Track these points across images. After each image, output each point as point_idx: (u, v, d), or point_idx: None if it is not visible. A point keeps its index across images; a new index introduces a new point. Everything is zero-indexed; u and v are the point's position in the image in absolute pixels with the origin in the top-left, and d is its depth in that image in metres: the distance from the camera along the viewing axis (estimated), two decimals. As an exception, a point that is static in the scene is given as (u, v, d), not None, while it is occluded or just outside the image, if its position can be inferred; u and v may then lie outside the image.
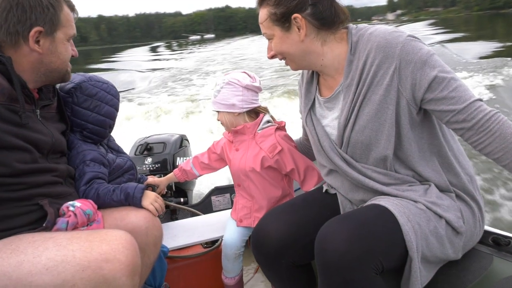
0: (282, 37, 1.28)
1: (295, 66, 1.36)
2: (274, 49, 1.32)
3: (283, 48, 1.30)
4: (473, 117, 1.10)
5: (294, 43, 1.28)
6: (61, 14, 1.27)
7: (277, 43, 1.30)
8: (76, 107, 1.49)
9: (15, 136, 1.14)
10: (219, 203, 2.50)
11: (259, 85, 1.65)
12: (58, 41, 1.28)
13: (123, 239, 1.12)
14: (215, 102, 1.65)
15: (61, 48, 1.29)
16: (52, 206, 1.23)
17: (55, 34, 1.26)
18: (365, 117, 1.21)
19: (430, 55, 1.14)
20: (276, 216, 1.42)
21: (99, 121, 1.51)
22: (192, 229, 1.97)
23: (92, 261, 1.05)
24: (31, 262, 1.04)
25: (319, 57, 1.30)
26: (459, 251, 1.22)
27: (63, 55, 1.31)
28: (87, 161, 1.46)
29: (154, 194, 1.50)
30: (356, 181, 1.27)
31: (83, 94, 1.49)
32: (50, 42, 1.25)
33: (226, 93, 1.61)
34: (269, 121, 1.67)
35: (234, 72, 1.66)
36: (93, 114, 1.50)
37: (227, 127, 1.69)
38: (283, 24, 1.26)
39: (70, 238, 1.11)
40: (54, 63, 1.28)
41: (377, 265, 1.06)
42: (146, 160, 2.64)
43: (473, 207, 1.25)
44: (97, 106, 1.51)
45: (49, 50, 1.26)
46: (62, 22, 1.27)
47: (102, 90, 1.53)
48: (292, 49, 1.29)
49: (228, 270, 1.74)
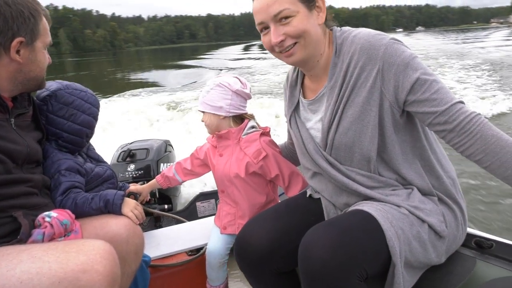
0: (307, 15, 1.20)
1: (304, 54, 1.24)
2: (296, 28, 1.19)
3: (307, 27, 1.19)
4: (454, 119, 1.11)
5: (315, 24, 1.23)
6: (40, 24, 1.28)
7: (301, 20, 1.19)
8: (51, 115, 1.46)
9: None
10: (204, 209, 2.47)
11: (249, 92, 1.64)
12: (37, 50, 1.29)
13: (101, 249, 1.10)
14: (202, 102, 1.63)
15: (40, 56, 1.30)
16: (27, 217, 1.20)
17: (35, 44, 1.27)
18: (348, 119, 1.21)
19: (412, 58, 1.14)
20: (259, 223, 1.40)
21: (75, 130, 1.48)
22: (176, 236, 1.94)
23: (68, 272, 1.02)
24: (5, 276, 1.00)
25: (321, 50, 1.27)
26: (442, 255, 1.22)
27: (42, 63, 1.32)
28: (62, 171, 1.42)
29: (134, 202, 1.48)
30: (340, 184, 1.27)
31: (59, 102, 1.46)
32: (30, 52, 1.26)
33: (215, 95, 1.60)
34: (253, 127, 1.66)
35: (226, 75, 1.65)
36: (68, 122, 1.47)
37: (210, 130, 1.67)
38: (309, 2, 1.21)
39: (46, 249, 1.08)
40: (33, 71, 1.29)
41: (361, 272, 1.05)
42: (128, 167, 2.61)
43: (455, 210, 1.25)
44: (73, 115, 1.47)
45: (29, 60, 1.26)
46: (41, 31, 1.29)
47: (79, 99, 1.50)
48: (313, 30, 1.21)
49: (213, 278, 1.71)
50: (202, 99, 1.63)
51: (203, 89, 1.64)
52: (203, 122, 1.67)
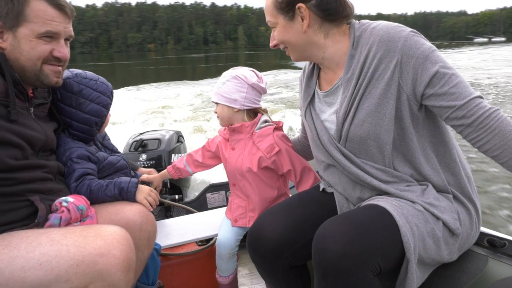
0: (285, 26, 1.28)
1: (296, 57, 1.35)
2: (276, 38, 1.31)
3: (285, 37, 1.30)
4: (472, 114, 1.10)
5: (296, 33, 1.27)
6: (26, 9, 1.20)
7: (280, 31, 1.29)
8: (60, 104, 1.47)
9: (8, 131, 1.14)
10: (214, 200, 2.49)
11: (264, 87, 1.63)
12: (20, 37, 1.21)
13: (117, 234, 1.12)
14: (217, 93, 1.62)
15: (25, 45, 1.22)
16: (43, 202, 1.22)
17: (16, 29, 1.21)
18: (364, 111, 1.20)
19: (432, 51, 1.14)
20: (272, 216, 1.40)
21: (83, 119, 1.49)
22: (186, 226, 1.96)
23: (86, 255, 1.05)
24: (24, 258, 1.03)
25: (321, 50, 1.29)
26: (454, 252, 1.22)
27: (27, 52, 1.23)
28: (74, 158, 1.44)
29: (149, 188, 1.50)
30: (354, 176, 1.27)
31: (66, 91, 1.47)
32: (12, 38, 1.22)
33: (230, 86, 1.59)
34: (266, 121, 1.66)
35: (243, 68, 1.64)
36: (76, 111, 1.48)
37: (222, 122, 1.67)
38: (287, 13, 1.26)
39: (64, 233, 1.10)
40: (19, 60, 1.23)
41: (374, 267, 1.05)
42: (140, 156, 2.64)
43: (470, 209, 1.24)
44: (81, 104, 1.48)
45: (12, 46, 1.22)
46: (28, 17, 1.21)
47: (87, 87, 1.50)
48: (294, 39, 1.29)
49: (222, 269, 1.72)
50: (217, 90, 1.61)
51: (219, 80, 1.63)
52: (215, 113, 1.66)
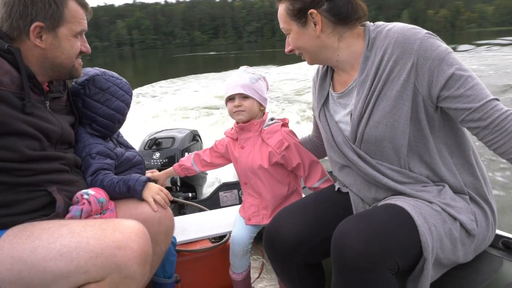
0: (299, 32, 1.30)
1: (311, 61, 1.37)
2: (291, 44, 1.34)
3: (299, 43, 1.32)
4: (488, 116, 1.10)
5: (310, 38, 1.29)
6: (65, 10, 1.26)
7: (294, 38, 1.32)
8: (87, 98, 1.51)
9: (25, 122, 1.16)
10: (226, 199, 2.51)
11: None
12: (61, 37, 1.27)
13: (135, 228, 1.15)
14: (250, 88, 1.61)
15: (65, 43, 1.29)
16: (60, 192, 1.25)
17: (57, 30, 1.26)
18: (380, 113, 1.21)
19: (448, 53, 1.14)
20: (288, 215, 1.42)
21: (108, 114, 1.53)
22: (200, 223, 1.99)
23: (105, 248, 1.07)
24: (46, 248, 1.06)
25: (335, 53, 1.31)
26: (470, 253, 1.21)
27: (68, 51, 1.30)
28: (93, 154, 1.47)
29: (157, 187, 1.48)
30: (370, 177, 1.27)
31: (96, 87, 1.51)
32: (53, 38, 1.26)
33: (262, 85, 1.66)
34: (272, 119, 1.70)
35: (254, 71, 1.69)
36: (103, 107, 1.52)
37: (246, 116, 1.65)
38: (299, 20, 1.28)
39: (84, 225, 1.13)
40: (58, 58, 1.29)
41: (392, 265, 1.05)
42: (154, 155, 2.67)
43: (486, 210, 1.24)
44: (108, 100, 1.52)
45: (52, 46, 1.27)
46: (67, 18, 1.27)
47: (114, 85, 1.55)
48: (308, 44, 1.31)
49: (236, 266, 1.74)
50: (250, 84, 1.61)
51: (244, 75, 1.63)
52: (238, 106, 1.63)
